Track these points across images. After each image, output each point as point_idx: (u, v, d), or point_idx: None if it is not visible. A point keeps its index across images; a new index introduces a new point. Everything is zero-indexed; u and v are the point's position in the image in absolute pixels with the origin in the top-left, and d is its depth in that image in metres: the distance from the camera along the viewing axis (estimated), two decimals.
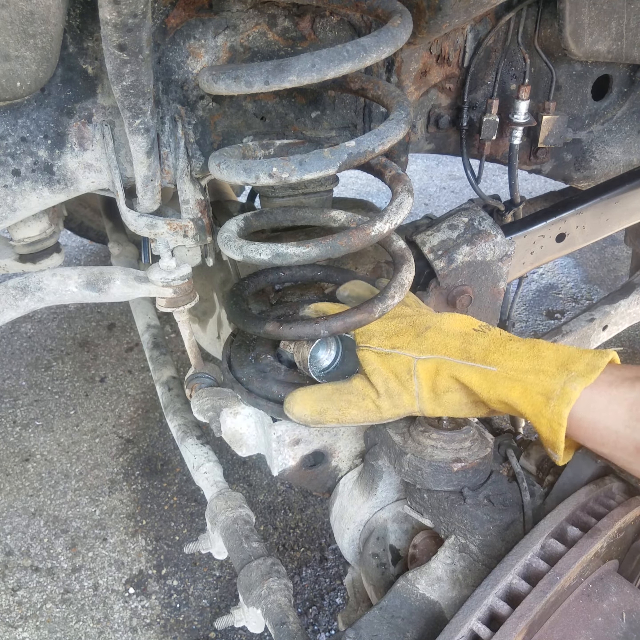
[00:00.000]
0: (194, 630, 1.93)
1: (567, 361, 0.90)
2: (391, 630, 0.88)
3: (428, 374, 0.99)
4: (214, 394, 1.23)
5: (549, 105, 1.49)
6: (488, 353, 0.96)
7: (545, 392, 0.88)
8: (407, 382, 1.00)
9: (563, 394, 0.86)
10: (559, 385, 0.87)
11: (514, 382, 0.91)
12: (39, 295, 1.14)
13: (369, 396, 1.02)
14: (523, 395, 0.90)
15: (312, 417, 1.04)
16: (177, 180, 1.18)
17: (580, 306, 3.24)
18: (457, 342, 0.99)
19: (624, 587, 0.86)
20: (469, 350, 0.97)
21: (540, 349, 0.94)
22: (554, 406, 0.86)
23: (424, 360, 0.99)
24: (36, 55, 0.90)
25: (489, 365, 0.94)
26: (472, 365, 0.95)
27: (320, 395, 1.05)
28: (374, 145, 0.99)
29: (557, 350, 0.93)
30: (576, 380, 0.87)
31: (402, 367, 1.00)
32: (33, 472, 2.41)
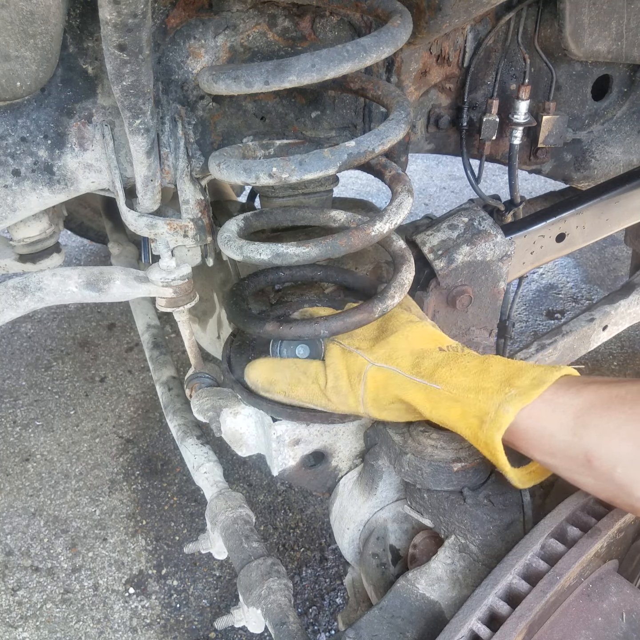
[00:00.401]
0: (194, 630, 1.93)
1: (512, 376, 0.88)
2: (391, 630, 0.88)
3: (375, 384, 0.99)
4: (214, 394, 1.23)
5: (549, 105, 1.49)
6: (437, 368, 0.95)
7: (480, 414, 0.86)
8: (355, 385, 1.01)
9: (495, 418, 0.84)
10: (493, 407, 0.85)
11: (454, 402, 0.90)
12: (39, 295, 1.14)
13: (317, 383, 1.04)
14: (461, 418, 0.89)
15: (263, 385, 1.08)
16: (177, 180, 1.18)
17: (580, 306, 3.24)
18: (413, 357, 0.99)
19: (624, 587, 0.86)
20: (420, 364, 0.97)
21: (491, 363, 0.92)
22: (486, 430, 0.85)
23: (376, 369, 1.00)
24: (36, 55, 0.90)
25: (435, 382, 0.93)
26: (418, 382, 0.95)
27: (276, 367, 1.08)
28: (374, 145, 0.99)
29: (507, 364, 0.91)
30: (513, 400, 0.84)
31: (355, 369, 1.02)
32: (33, 472, 2.41)
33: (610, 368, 2.83)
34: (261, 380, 1.08)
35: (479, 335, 1.62)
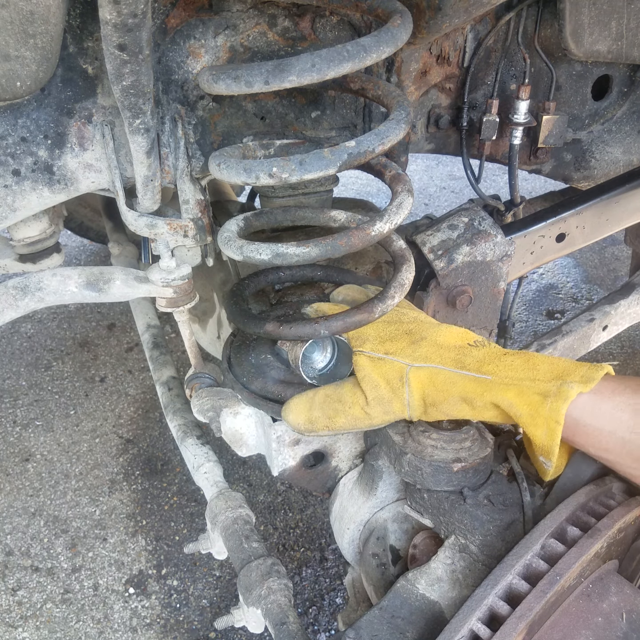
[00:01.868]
0: (194, 630, 1.93)
1: (562, 373, 0.91)
2: (391, 630, 0.88)
3: (420, 383, 0.99)
4: (214, 394, 1.23)
5: (549, 105, 1.49)
6: (482, 364, 0.96)
7: (542, 392, 0.88)
8: (398, 389, 1.00)
9: (560, 392, 0.87)
10: (555, 386, 0.88)
11: (510, 385, 0.91)
12: (39, 295, 1.14)
13: (357, 403, 1.02)
14: (519, 396, 0.90)
15: (305, 426, 1.05)
16: (177, 180, 1.18)
17: (580, 306, 3.24)
18: (451, 354, 0.99)
19: (624, 587, 0.86)
20: (463, 361, 0.98)
21: (536, 362, 0.94)
22: (551, 403, 0.87)
23: (417, 369, 0.99)
24: (36, 55, 0.90)
25: (483, 374, 0.94)
26: (466, 375, 0.95)
27: (312, 404, 1.05)
28: (374, 145, 0.99)
29: (553, 364, 0.93)
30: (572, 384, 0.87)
31: (394, 374, 1.00)
32: (33, 472, 2.41)
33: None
34: (302, 422, 1.05)
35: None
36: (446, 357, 0.99)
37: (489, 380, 0.93)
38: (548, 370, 0.92)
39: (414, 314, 1.15)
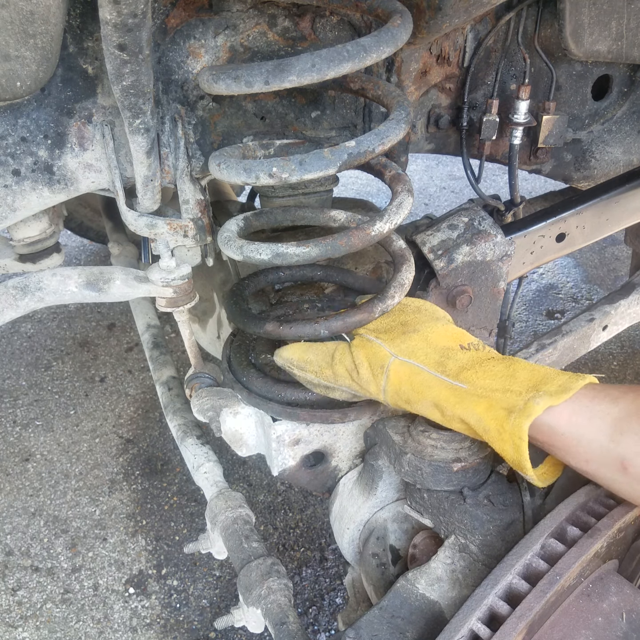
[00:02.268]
0: (194, 630, 1.93)
1: (539, 382, 0.89)
2: (391, 630, 0.88)
3: (398, 378, 1.00)
4: (214, 394, 1.23)
5: (549, 105, 1.49)
6: (462, 370, 0.96)
7: (508, 407, 0.87)
8: (377, 376, 1.02)
9: (525, 408, 0.85)
10: (522, 401, 0.87)
11: (481, 398, 0.91)
12: (39, 295, 1.14)
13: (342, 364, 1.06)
14: (487, 410, 0.89)
15: (298, 363, 1.10)
16: (177, 180, 1.18)
17: (580, 306, 3.24)
18: (436, 355, 1.00)
19: (624, 587, 0.86)
20: (445, 364, 0.98)
21: (516, 368, 0.94)
22: (514, 419, 0.85)
23: (399, 363, 1.00)
24: (36, 55, 0.90)
25: (460, 382, 0.94)
26: (444, 380, 0.95)
27: (309, 349, 1.10)
28: (374, 145, 0.99)
29: (533, 371, 0.92)
30: (541, 398, 0.86)
31: (377, 360, 1.02)
32: (33, 472, 2.41)
33: (610, 368, 2.83)
34: (296, 358, 1.09)
35: (479, 335, 1.62)
36: (431, 356, 1.00)
37: (463, 390, 0.93)
38: (526, 378, 0.91)
39: (418, 303, 1.16)
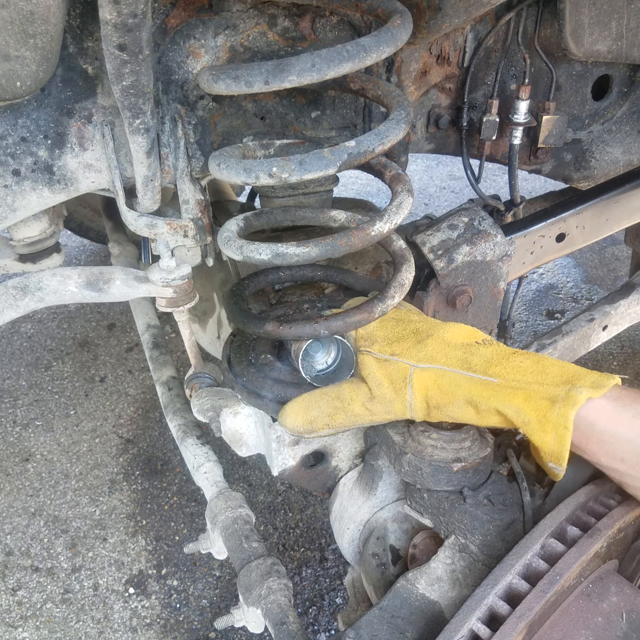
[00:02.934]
0: (194, 630, 1.93)
1: (572, 378, 0.88)
2: (391, 630, 0.88)
3: (423, 385, 0.97)
4: (214, 394, 1.23)
5: (549, 105, 1.49)
6: (490, 365, 0.93)
7: (550, 396, 0.86)
8: (400, 390, 0.98)
9: (568, 397, 0.84)
10: (563, 390, 0.85)
11: (517, 390, 0.89)
12: (39, 295, 1.14)
13: (357, 400, 1.01)
14: (526, 401, 0.88)
15: (305, 427, 1.04)
16: (177, 180, 1.18)
17: (580, 306, 3.24)
18: (458, 353, 0.97)
19: (624, 587, 0.86)
20: (470, 361, 0.95)
21: (545, 364, 0.91)
22: (559, 408, 0.84)
23: (421, 370, 0.97)
24: (36, 55, 0.90)
25: (491, 377, 0.92)
26: (472, 377, 0.93)
27: (309, 404, 1.04)
28: (374, 145, 0.99)
29: (563, 367, 0.91)
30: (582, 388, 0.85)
31: (398, 375, 0.99)
32: (33, 472, 2.41)
33: (610, 368, 2.83)
34: (301, 423, 1.04)
35: None
36: (452, 356, 0.97)
37: (496, 384, 0.91)
38: (558, 374, 0.89)
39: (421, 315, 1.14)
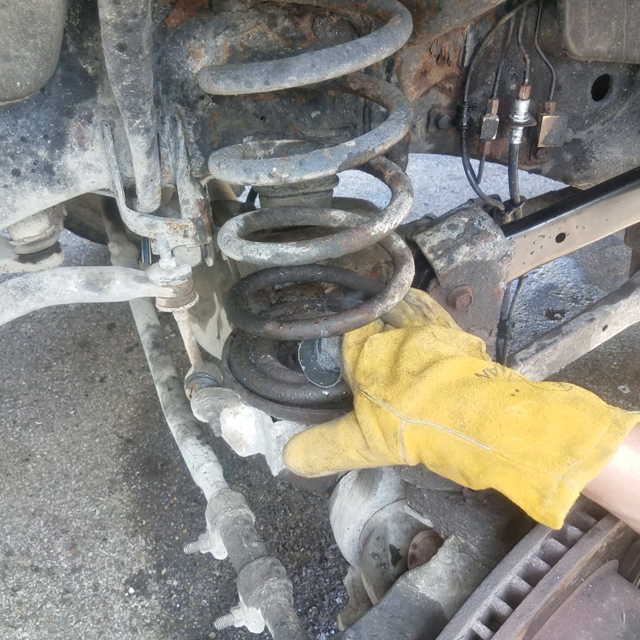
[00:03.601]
0: (194, 630, 1.93)
1: (574, 441, 0.77)
2: (391, 630, 0.88)
3: (414, 445, 0.90)
4: (214, 394, 1.23)
5: (549, 105, 1.49)
6: (484, 420, 0.83)
7: (540, 486, 0.77)
8: (392, 446, 0.92)
9: (560, 494, 0.75)
10: (556, 480, 0.75)
11: (508, 468, 0.80)
12: (39, 295, 1.14)
13: (351, 446, 0.97)
14: (516, 486, 0.80)
15: (305, 470, 1.04)
16: (177, 180, 1.18)
17: (580, 306, 3.24)
18: (450, 402, 0.86)
19: (624, 587, 0.86)
20: (462, 414, 0.85)
21: (547, 417, 0.80)
22: (548, 507, 0.77)
23: (411, 427, 0.88)
24: (36, 55, 0.90)
25: (484, 441, 0.82)
26: (464, 442, 0.84)
27: (307, 445, 1.03)
28: (374, 145, 0.99)
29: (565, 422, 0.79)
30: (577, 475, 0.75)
31: (389, 428, 0.91)
32: (33, 472, 2.41)
33: (610, 368, 2.83)
34: (301, 465, 1.03)
35: (479, 335, 1.62)
36: (444, 407, 0.86)
37: (487, 455, 0.81)
38: (558, 434, 0.78)
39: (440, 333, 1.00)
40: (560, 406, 0.80)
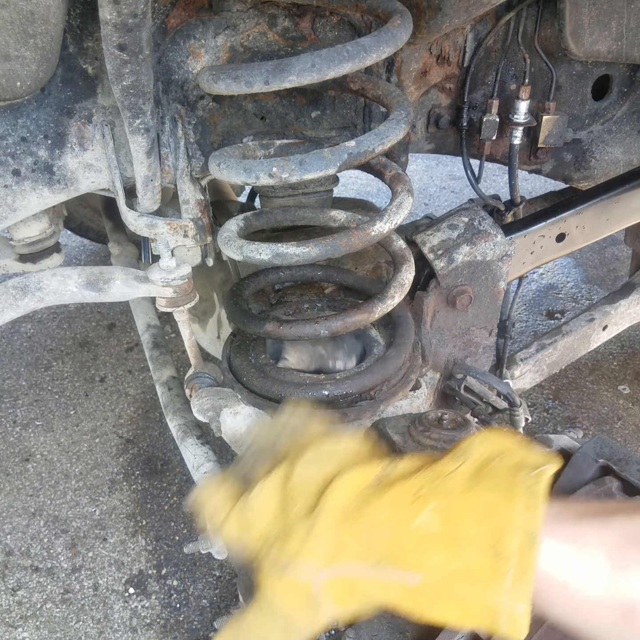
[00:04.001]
0: (194, 630, 1.93)
1: (496, 540, 0.64)
2: (391, 630, 0.88)
3: (339, 597, 0.71)
4: (214, 394, 1.23)
5: (549, 105, 1.49)
6: (397, 546, 0.68)
7: (488, 610, 0.64)
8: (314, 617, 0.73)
9: (512, 624, 0.64)
10: (500, 603, 0.63)
11: (446, 597, 0.67)
12: (39, 295, 1.14)
13: None
14: (465, 618, 0.67)
15: None
16: (177, 180, 1.18)
17: (580, 306, 3.24)
18: (357, 528, 0.70)
19: None
20: (374, 544, 0.69)
21: (456, 516, 0.67)
22: (507, 632, 0.64)
23: (327, 582, 0.70)
24: (36, 55, 0.90)
25: (409, 567, 0.67)
26: (387, 581, 0.68)
27: None
28: (374, 145, 0.99)
29: (477, 511, 0.66)
30: (519, 591, 0.62)
31: (301, 598, 0.71)
32: (33, 472, 2.41)
33: (610, 368, 2.83)
34: None
35: (479, 335, 1.62)
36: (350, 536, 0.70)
37: (419, 590, 0.67)
38: (477, 534, 0.65)
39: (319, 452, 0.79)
40: (466, 495, 0.68)
